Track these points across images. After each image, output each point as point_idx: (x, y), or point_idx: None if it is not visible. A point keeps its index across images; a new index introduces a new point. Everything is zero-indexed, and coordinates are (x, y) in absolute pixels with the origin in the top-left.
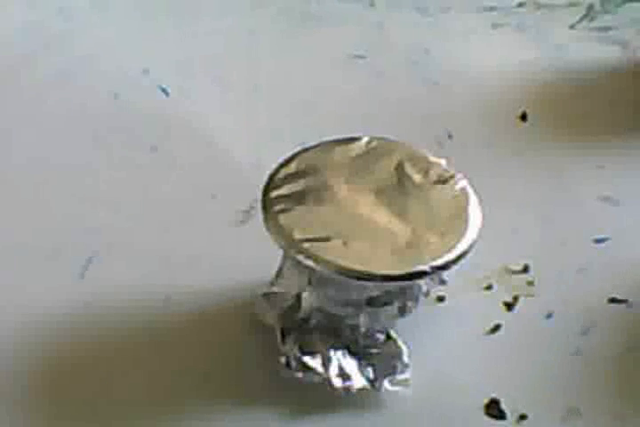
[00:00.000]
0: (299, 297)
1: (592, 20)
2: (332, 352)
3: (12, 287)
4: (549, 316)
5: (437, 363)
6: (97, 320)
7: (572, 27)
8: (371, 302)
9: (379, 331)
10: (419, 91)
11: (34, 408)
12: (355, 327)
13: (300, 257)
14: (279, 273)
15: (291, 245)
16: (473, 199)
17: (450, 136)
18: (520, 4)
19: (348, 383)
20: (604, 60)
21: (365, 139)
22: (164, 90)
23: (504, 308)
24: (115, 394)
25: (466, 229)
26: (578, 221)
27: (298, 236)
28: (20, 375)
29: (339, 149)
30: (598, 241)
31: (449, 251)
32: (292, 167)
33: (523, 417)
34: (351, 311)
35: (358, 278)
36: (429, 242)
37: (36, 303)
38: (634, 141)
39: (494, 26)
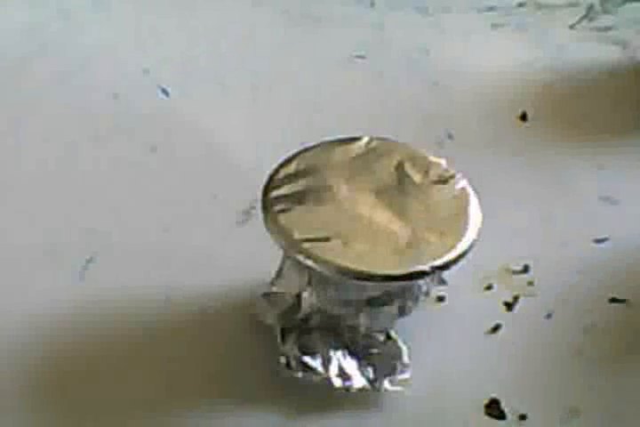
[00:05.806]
0: (299, 297)
1: (592, 20)
2: (331, 352)
3: (13, 287)
4: (549, 316)
5: (437, 363)
6: (97, 320)
7: (572, 27)
8: (371, 302)
9: (379, 331)
10: (419, 91)
11: (35, 408)
12: (355, 327)
13: (300, 257)
14: (279, 273)
15: (291, 245)
16: (473, 199)
17: (450, 136)
18: (520, 4)
19: (347, 383)
20: (603, 60)
21: (365, 139)
22: (163, 90)
23: (504, 308)
24: (115, 394)
25: (466, 229)
26: (578, 221)
27: (298, 236)
28: (20, 375)
29: (339, 149)
30: (598, 241)
31: (449, 251)
32: (292, 167)
33: (523, 417)
34: (351, 311)
35: (358, 278)
36: (429, 242)
37: (36, 303)
38: (634, 141)
39: (494, 26)
